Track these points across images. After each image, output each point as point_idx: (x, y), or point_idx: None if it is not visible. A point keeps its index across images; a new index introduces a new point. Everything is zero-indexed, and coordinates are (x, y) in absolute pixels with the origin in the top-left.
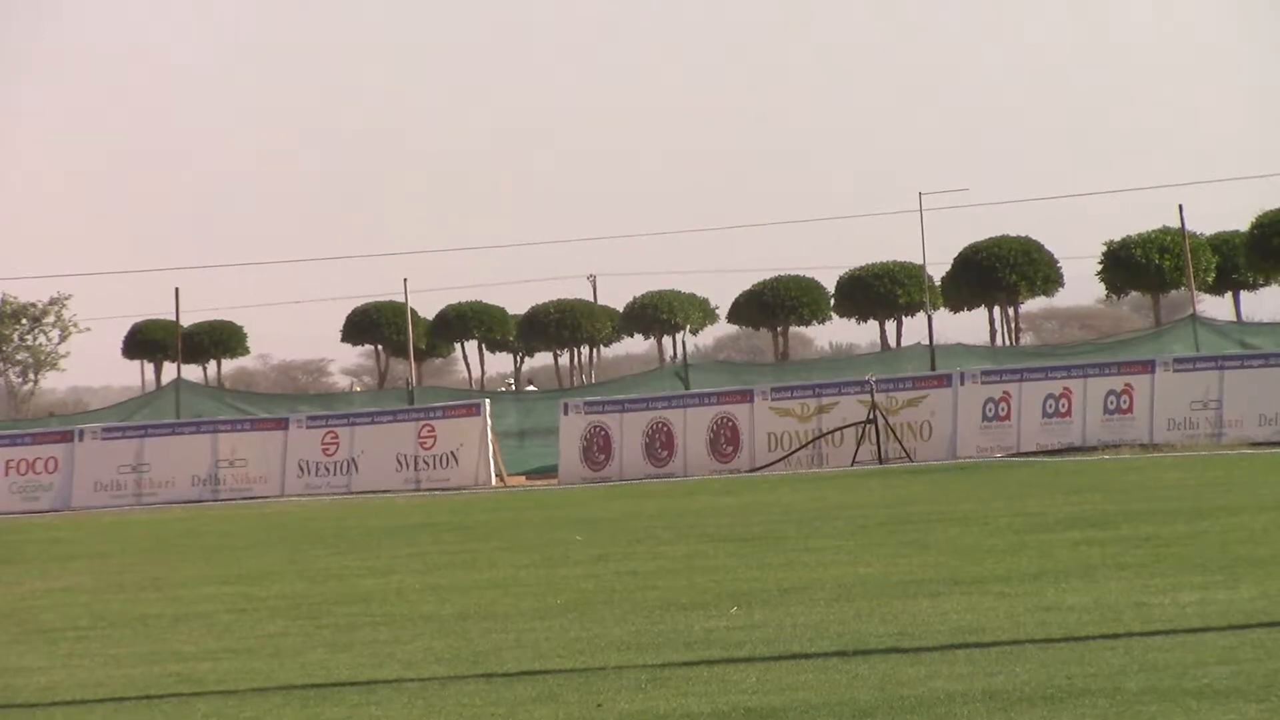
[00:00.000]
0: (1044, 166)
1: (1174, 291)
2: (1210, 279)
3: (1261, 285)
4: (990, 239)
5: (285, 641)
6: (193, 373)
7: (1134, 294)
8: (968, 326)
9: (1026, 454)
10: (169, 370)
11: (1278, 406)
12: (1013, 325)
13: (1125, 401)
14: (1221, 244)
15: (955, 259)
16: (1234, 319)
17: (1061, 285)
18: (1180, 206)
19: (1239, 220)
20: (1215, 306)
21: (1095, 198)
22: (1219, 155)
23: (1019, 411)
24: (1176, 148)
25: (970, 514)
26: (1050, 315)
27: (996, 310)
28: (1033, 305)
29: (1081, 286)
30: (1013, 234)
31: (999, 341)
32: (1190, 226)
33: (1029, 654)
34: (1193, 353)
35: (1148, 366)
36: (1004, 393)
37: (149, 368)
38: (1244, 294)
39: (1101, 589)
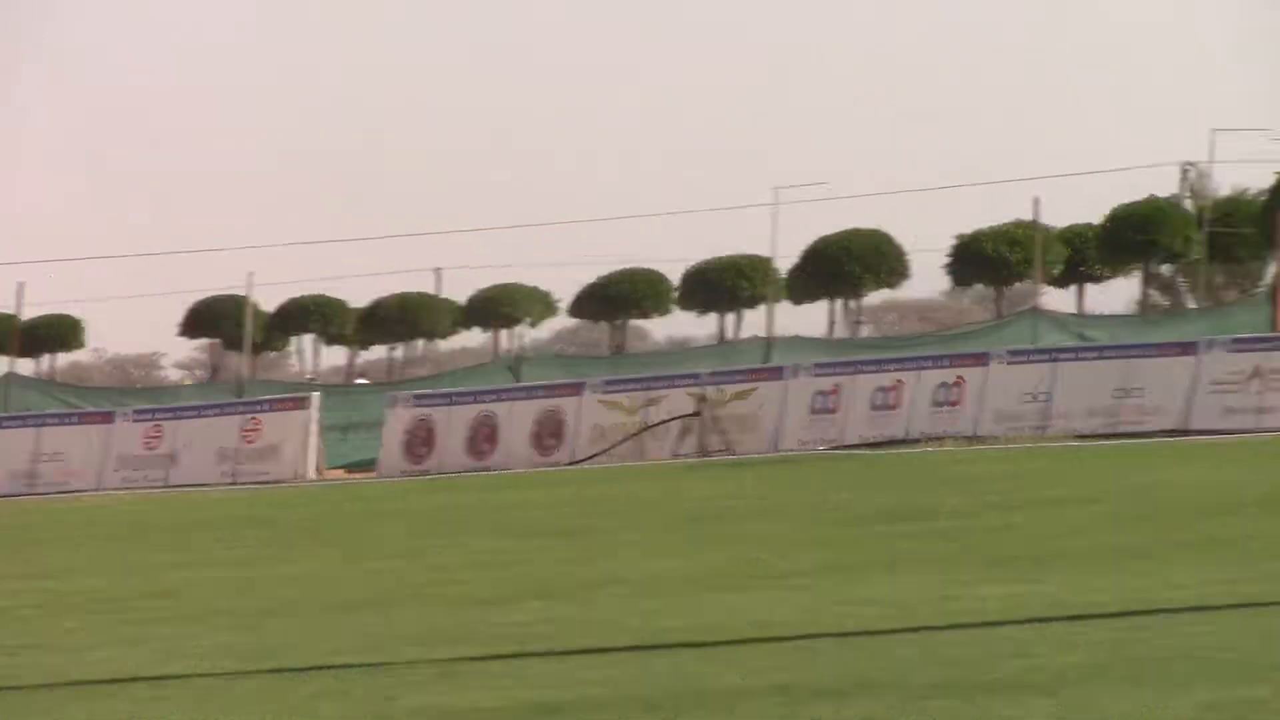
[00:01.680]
0: (901, 159)
1: (1019, 284)
2: (1058, 271)
3: (1109, 278)
4: (841, 232)
5: (79, 637)
6: (30, 367)
7: (979, 286)
8: (810, 319)
9: (849, 446)
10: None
11: (1106, 399)
12: (855, 318)
13: (955, 394)
14: (1073, 237)
15: (804, 252)
16: (1075, 311)
17: (908, 277)
18: (1036, 199)
19: (1094, 213)
20: (1059, 299)
21: (952, 191)
22: (1076, 148)
23: (847, 404)
24: (1034, 140)
25: (782, 507)
26: (892, 307)
27: (838, 303)
28: (875, 297)
29: (930, 279)
30: (865, 227)
31: (836, 333)
32: (1045, 219)
33: (824, 648)
34: (1030, 345)
35: (981, 359)
36: (834, 385)
37: None
38: (1091, 287)
39: (904, 582)
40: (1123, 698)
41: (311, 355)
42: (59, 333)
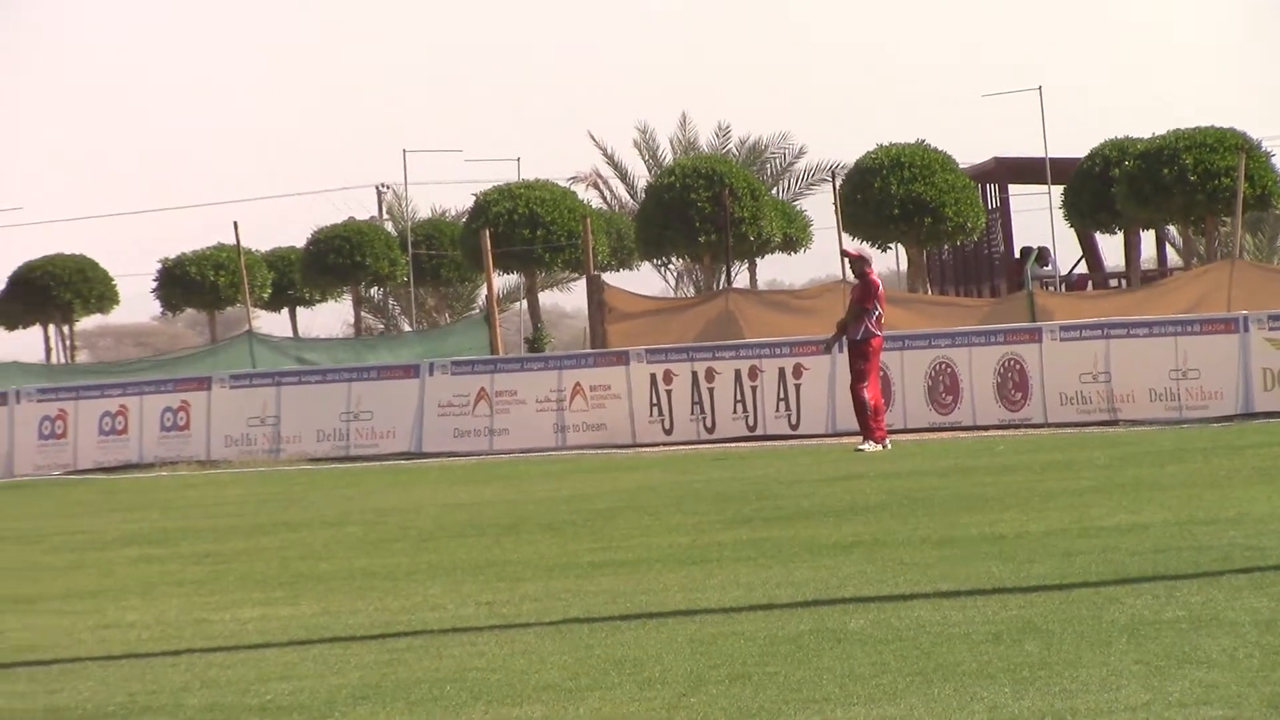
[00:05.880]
0: (102, 184)
1: (230, 308)
2: (266, 295)
3: (318, 301)
4: (45, 257)
5: None
6: None
7: (190, 311)
8: (24, 345)
9: (84, 471)
10: None
11: (335, 422)
12: (69, 343)
13: (182, 418)
14: (278, 260)
15: (10, 277)
16: (291, 335)
17: (118, 303)
18: (235, 223)
19: (296, 237)
20: (272, 322)
21: (154, 215)
22: (276, 172)
23: (76, 429)
24: (233, 163)
25: (26, 532)
26: (106, 333)
27: (52, 328)
28: (88, 323)
29: (139, 304)
30: (68, 252)
31: (55, 359)
32: (247, 243)
33: (90, 671)
34: (249, 369)
35: (204, 383)
36: (60, 410)
37: None
38: (301, 310)
39: (162, 606)
40: (396, 718)
41: None
42: None
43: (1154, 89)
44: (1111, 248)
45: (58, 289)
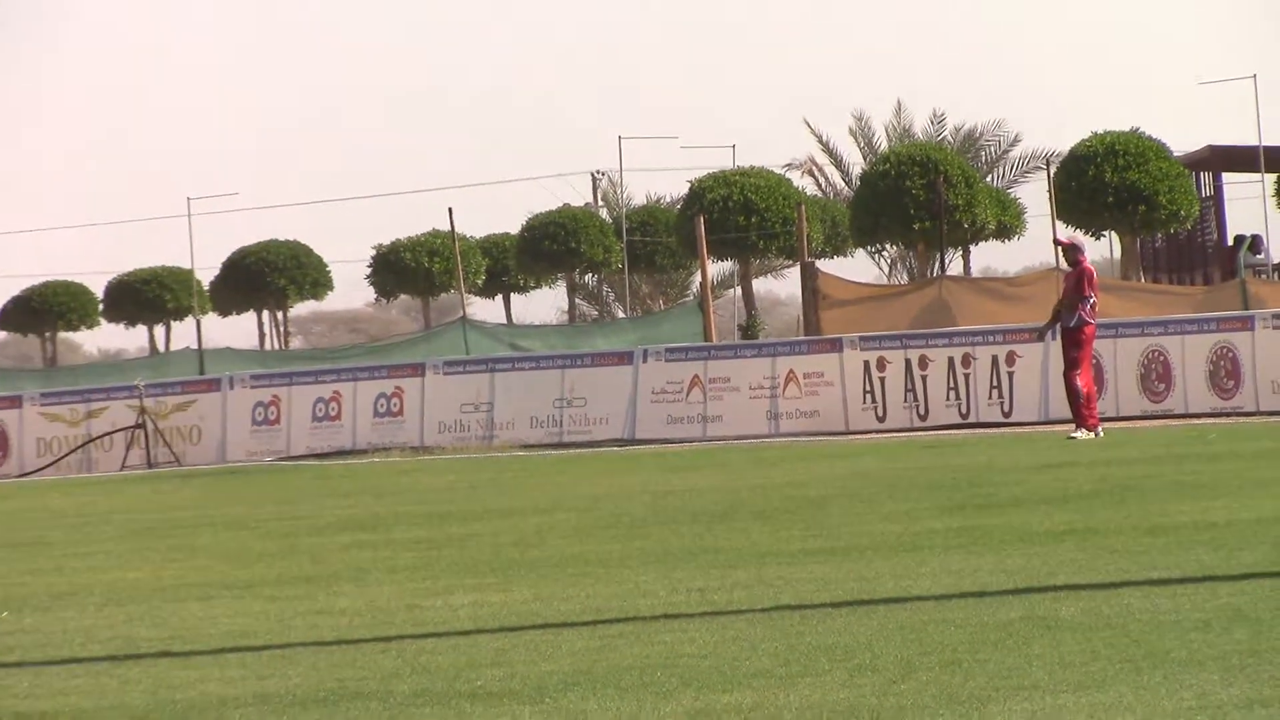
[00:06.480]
0: (315, 171)
1: (444, 294)
2: (481, 281)
3: (532, 288)
4: (259, 243)
5: None
6: None
7: (404, 297)
8: (238, 331)
9: (297, 457)
10: None
11: (548, 409)
12: (282, 329)
13: (396, 404)
14: (492, 246)
15: (224, 263)
16: (505, 321)
17: (331, 289)
18: (450, 209)
19: (510, 223)
20: (486, 309)
21: (367, 201)
22: (490, 158)
23: (289, 415)
24: (447, 149)
25: (240, 518)
26: (320, 319)
27: (266, 314)
28: (302, 309)
29: (353, 290)
30: (282, 238)
31: (269, 345)
32: (461, 229)
33: (300, 657)
34: (463, 355)
35: (418, 369)
36: (273, 396)
37: None
38: (515, 296)
39: (373, 592)
40: (607, 704)
41: None
42: None
43: None
44: None
45: (272, 275)
